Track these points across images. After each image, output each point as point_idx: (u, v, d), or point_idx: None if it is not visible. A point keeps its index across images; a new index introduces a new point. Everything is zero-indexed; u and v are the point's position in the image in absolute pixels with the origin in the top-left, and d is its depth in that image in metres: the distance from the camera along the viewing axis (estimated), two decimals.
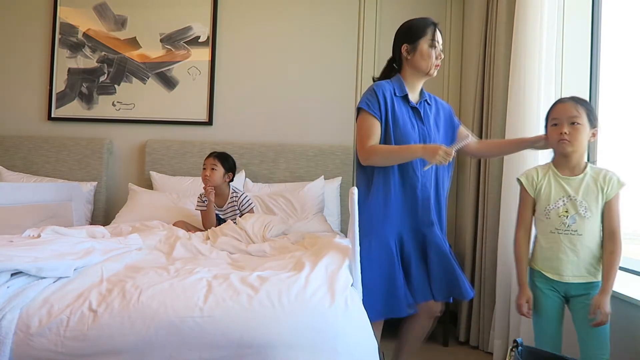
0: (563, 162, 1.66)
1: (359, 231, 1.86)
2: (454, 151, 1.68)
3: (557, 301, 1.63)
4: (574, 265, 1.58)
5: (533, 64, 2.24)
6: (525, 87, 2.27)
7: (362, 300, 1.75)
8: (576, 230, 1.59)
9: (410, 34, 1.88)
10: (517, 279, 1.71)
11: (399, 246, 1.84)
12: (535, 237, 1.71)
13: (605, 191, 1.60)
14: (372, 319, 1.76)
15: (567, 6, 2.34)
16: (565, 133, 1.59)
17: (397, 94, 1.87)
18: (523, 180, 1.70)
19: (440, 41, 1.87)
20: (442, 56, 1.88)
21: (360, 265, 1.81)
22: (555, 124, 1.63)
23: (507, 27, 2.48)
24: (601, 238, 1.61)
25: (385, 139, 1.85)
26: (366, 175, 1.90)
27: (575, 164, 1.64)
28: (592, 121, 1.62)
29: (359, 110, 1.88)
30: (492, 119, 2.57)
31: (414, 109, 1.89)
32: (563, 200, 1.61)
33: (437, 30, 1.87)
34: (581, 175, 1.63)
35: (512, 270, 2.33)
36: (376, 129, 1.82)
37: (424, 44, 1.84)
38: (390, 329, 2.05)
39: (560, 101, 1.67)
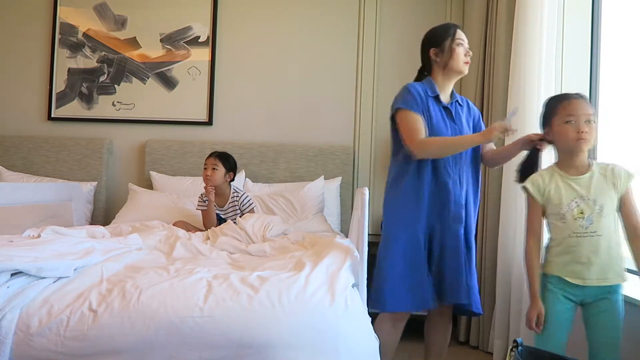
0: (568, 162, 1.60)
1: (387, 222, 1.91)
2: (508, 122, 1.72)
3: (570, 308, 1.57)
4: (598, 268, 1.52)
5: (533, 64, 2.24)
6: (525, 87, 2.27)
7: (388, 291, 1.80)
8: (595, 231, 1.52)
9: (435, 38, 1.94)
10: (529, 290, 1.62)
11: (427, 241, 1.86)
12: (549, 242, 1.65)
13: (617, 186, 1.54)
14: (400, 309, 1.83)
15: (567, 6, 2.34)
16: (585, 132, 1.54)
17: (429, 94, 1.91)
18: (529, 187, 1.63)
19: (466, 40, 1.93)
20: (471, 53, 1.94)
21: (385, 258, 1.86)
22: (569, 122, 1.56)
23: (507, 27, 2.48)
24: (620, 237, 1.55)
25: None
26: (398, 170, 1.92)
27: (581, 162, 1.59)
28: (597, 118, 1.60)
29: (396, 110, 1.90)
30: (492, 119, 2.56)
31: (446, 109, 1.93)
32: (576, 202, 1.55)
33: (460, 30, 1.93)
34: (589, 174, 1.57)
35: (512, 270, 2.34)
36: (421, 122, 1.85)
37: (450, 43, 1.89)
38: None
39: (572, 97, 1.60)
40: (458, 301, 1.82)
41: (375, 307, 1.83)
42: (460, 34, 1.92)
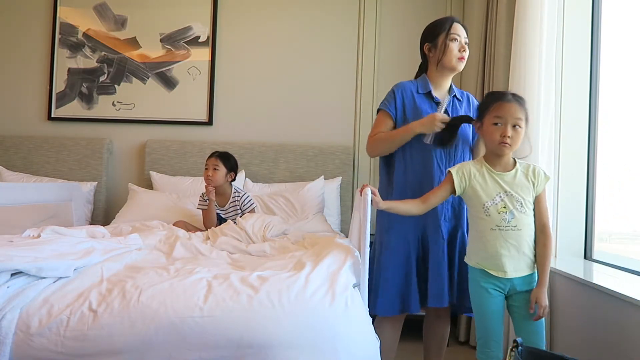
0: (495, 159, 1.66)
1: (379, 227, 1.92)
2: (443, 113, 1.77)
3: (501, 300, 1.64)
4: (515, 261, 1.60)
5: (533, 64, 2.24)
6: (525, 87, 2.26)
7: (378, 296, 1.82)
8: (515, 226, 1.60)
9: (429, 33, 1.93)
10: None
11: (420, 243, 1.86)
12: (472, 235, 1.70)
13: (535, 185, 1.63)
14: (386, 314, 1.83)
15: (567, 6, 2.34)
16: (509, 137, 1.58)
17: (420, 92, 1.91)
18: (454, 173, 1.67)
19: (463, 34, 1.89)
20: (466, 49, 1.90)
21: (377, 263, 1.87)
22: (497, 124, 1.61)
23: (507, 27, 2.48)
24: (533, 232, 1.64)
25: None
26: (387, 171, 1.94)
27: (507, 160, 1.66)
28: (527, 123, 1.64)
29: (378, 109, 1.95)
30: None
31: (439, 105, 1.91)
32: (500, 196, 1.62)
33: (458, 24, 1.90)
34: (513, 171, 1.65)
35: None
36: (386, 123, 1.89)
37: (443, 39, 1.87)
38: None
39: (505, 99, 1.63)
40: (438, 305, 1.80)
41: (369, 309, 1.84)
42: (456, 28, 1.88)
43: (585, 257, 2.30)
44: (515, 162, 1.67)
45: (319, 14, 3.41)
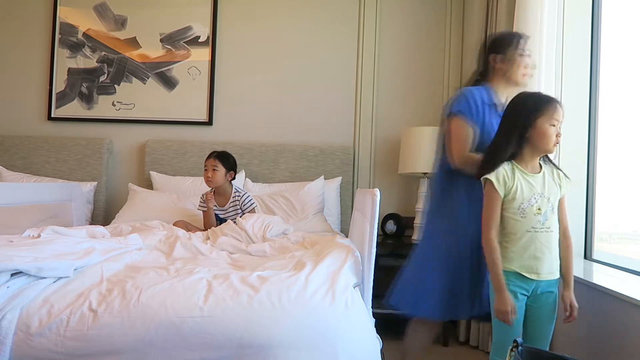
0: (528, 161, 1.65)
1: (436, 230, 1.89)
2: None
3: (525, 302, 1.63)
4: (548, 263, 1.61)
5: None
6: (526, 87, 2.26)
7: (423, 297, 1.81)
8: (548, 227, 1.61)
9: (499, 44, 1.89)
10: (495, 284, 1.61)
11: (476, 252, 1.80)
12: (504, 237, 1.67)
13: (561, 187, 1.65)
14: (434, 318, 1.82)
15: (567, 6, 2.34)
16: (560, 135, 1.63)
17: (486, 102, 1.85)
18: (494, 179, 1.63)
19: (529, 53, 1.88)
20: (530, 65, 1.87)
21: (428, 263, 1.85)
22: (554, 125, 1.63)
23: (507, 27, 2.47)
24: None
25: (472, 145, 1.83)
26: (449, 178, 1.89)
27: (536, 163, 1.67)
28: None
29: (451, 115, 1.85)
30: None
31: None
32: (535, 198, 1.62)
33: (524, 41, 1.87)
34: (541, 173, 1.66)
35: None
36: (471, 135, 1.80)
37: (513, 53, 1.84)
38: (393, 329, 2.04)
39: (558, 103, 1.65)
40: (485, 311, 1.77)
41: (405, 309, 1.81)
42: (523, 44, 1.86)
43: (585, 257, 2.30)
44: (540, 165, 1.68)
45: (319, 14, 3.41)
